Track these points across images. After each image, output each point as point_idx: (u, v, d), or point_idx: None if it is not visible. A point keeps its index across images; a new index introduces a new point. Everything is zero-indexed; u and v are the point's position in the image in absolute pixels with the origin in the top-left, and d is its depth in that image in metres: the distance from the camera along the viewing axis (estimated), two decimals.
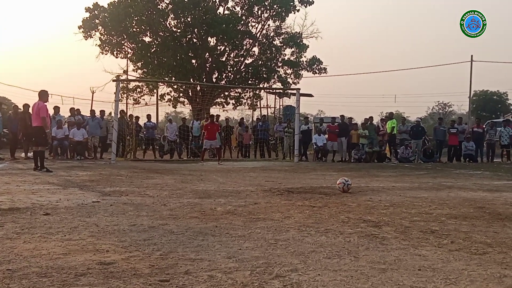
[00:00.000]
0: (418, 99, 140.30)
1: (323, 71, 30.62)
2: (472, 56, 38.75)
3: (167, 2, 28.67)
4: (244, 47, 30.50)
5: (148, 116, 21.57)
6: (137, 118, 21.06)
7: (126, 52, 30.15)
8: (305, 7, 29.74)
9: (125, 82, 27.77)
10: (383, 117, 23.35)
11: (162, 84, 29.20)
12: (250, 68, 30.70)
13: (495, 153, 20.84)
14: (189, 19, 28.79)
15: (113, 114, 18.17)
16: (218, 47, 30.19)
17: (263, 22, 30.34)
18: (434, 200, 7.02)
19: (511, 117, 33.61)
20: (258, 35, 30.48)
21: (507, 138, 20.25)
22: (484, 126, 21.78)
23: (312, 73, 30.66)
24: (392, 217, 5.39)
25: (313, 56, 30.50)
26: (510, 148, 20.48)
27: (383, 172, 13.31)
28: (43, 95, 11.80)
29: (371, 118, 20.85)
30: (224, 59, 30.44)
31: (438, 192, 8.17)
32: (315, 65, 30.37)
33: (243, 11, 29.80)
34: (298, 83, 30.61)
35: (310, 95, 33.33)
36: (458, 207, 6.32)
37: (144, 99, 29.82)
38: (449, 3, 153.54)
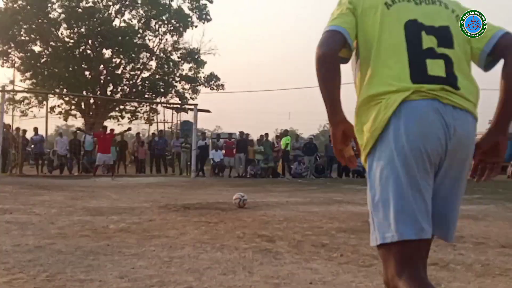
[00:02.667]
0: (311, 117, 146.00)
1: (220, 88, 30.99)
2: None
3: (60, 11, 27.58)
4: (141, 60, 30.08)
5: (35, 129, 20.36)
6: (24, 131, 19.88)
7: (13, 61, 28.46)
8: (203, 23, 30.03)
9: (12, 93, 26.17)
10: (278, 134, 23.99)
11: (52, 95, 27.88)
12: (146, 82, 30.29)
13: None
14: (83, 30, 27.91)
15: None
16: (114, 60, 29.51)
17: (160, 36, 30.16)
18: (325, 214, 7.29)
19: None
20: (155, 49, 30.22)
21: None
22: None
23: (210, 89, 30.97)
24: (285, 232, 5.53)
25: (211, 72, 30.84)
26: None
27: (278, 187, 13.64)
28: None
29: (266, 134, 21.34)
30: (119, 72, 29.80)
31: (328, 206, 8.51)
32: (213, 81, 30.68)
33: (140, 24, 29.42)
34: (196, 98, 30.74)
35: (207, 111, 33.33)
36: (347, 221, 6.62)
37: (32, 111, 28.34)
38: None
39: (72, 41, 28.44)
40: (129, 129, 22.82)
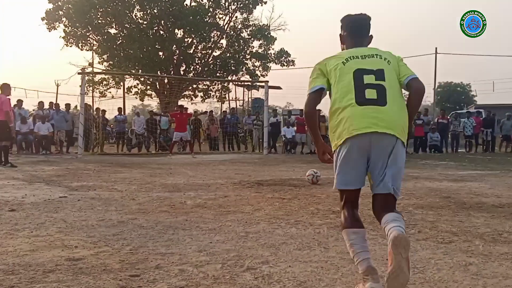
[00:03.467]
0: None
1: (291, 64, 30.73)
2: (436, 48, 39.42)
3: None
4: (212, 39, 30.32)
5: (119, 109, 21.42)
6: (104, 111, 20.84)
7: (92, 44, 29.64)
8: None
9: (91, 75, 27.34)
10: None
11: (128, 76, 28.86)
12: (218, 61, 30.58)
13: (459, 143, 21.34)
14: (155, 11, 28.47)
15: (79, 108, 17.94)
16: (186, 39, 29.95)
17: (230, 14, 30.22)
18: (401, 190, 7.10)
19: (474, 108, 34.37)
20: (225, 27, 30.35)
21: (470, 129, 20.77)
22: (448, 117, 22.22)
23: (280, 65, 30.74)
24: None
25: (281, 48, 30.59)
26: (473, 138, 21.03)
27: None
28: (5, 89, 11.46)
29: None
30: (191, 51, 30.23)
31: (404, 182, 8.28)
32: (283, 58, 30.45)
33: (210, 3, 29.59)
34: (267, 75, 30.69)
35: (278, 88, 33.38)
36: (424, 197, 6.46)
37: (110, 92, 29.54)
38: None
39: (145, 22, 29.13)
40: (205, 112, 23.24)
